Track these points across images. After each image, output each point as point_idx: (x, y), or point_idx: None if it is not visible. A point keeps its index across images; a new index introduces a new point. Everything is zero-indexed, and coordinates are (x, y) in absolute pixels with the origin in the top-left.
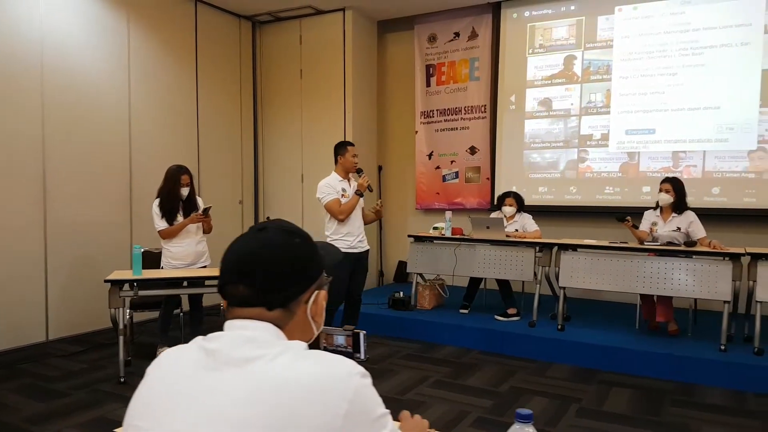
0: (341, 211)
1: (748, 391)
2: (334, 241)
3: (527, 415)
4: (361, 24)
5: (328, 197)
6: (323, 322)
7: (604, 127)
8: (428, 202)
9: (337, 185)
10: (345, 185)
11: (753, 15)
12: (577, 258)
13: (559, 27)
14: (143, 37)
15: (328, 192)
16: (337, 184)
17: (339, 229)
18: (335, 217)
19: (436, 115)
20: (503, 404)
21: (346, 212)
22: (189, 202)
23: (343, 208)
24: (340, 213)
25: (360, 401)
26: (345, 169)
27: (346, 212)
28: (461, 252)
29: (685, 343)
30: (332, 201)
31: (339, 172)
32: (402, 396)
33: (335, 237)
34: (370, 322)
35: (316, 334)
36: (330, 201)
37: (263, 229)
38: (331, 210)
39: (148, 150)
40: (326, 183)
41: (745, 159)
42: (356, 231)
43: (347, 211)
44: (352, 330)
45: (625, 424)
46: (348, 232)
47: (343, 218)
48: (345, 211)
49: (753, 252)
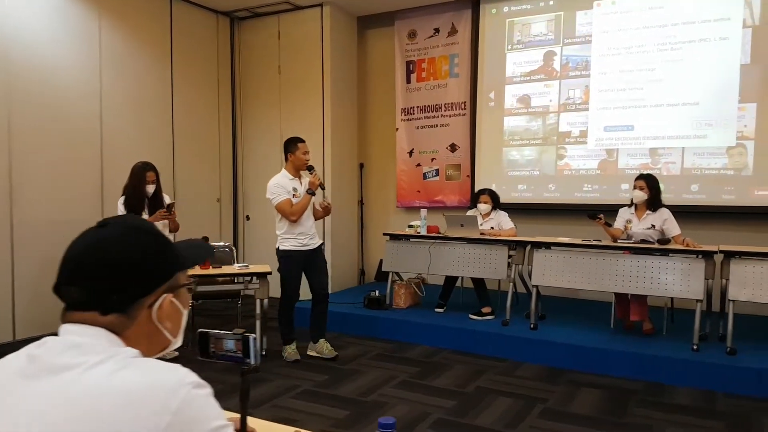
0: (293, 212)
1: (719, 391)
2: (287, 240)
3: (389, 423)
4: (340, 19)
5: (279, 198)
6: (180, 329)
7: (583, 124)
8: (409, 200)
9: (288, 184)
10: (296, 184)
11: (731, 9)
12: (549, 256)
13: (538, 22)
14: (115, 33)
15: (278, 192)
16: (287, 184)
17: (291, 229)
18: (287, 218)
19: (416, 112)
20: (466, 405)
21: (298, 213)
22: (155, 200)
23: (294, 209)
24: (292, 214)
25: (187, 413)
26: (295, 167)
27: (298, 213)
28: (436, 250)
29: (659, 343)
30: (283, 202)
31: (289, 170)
32: (365, 397)
33: (287, 236)
34: (345, 321)
35: (176, 342)
36: (281, 202)
37: (105, 225)
38: (283, 211)
39: (120, 147)
40: (276, 183)
41: (723, 156)
42: (309, 230)
43: (299, 212)
44: (241, 334)
45: (588, 426)
46: (301, 232)
47: (296, 219)
48: (297, 212)
49: (726, 250)
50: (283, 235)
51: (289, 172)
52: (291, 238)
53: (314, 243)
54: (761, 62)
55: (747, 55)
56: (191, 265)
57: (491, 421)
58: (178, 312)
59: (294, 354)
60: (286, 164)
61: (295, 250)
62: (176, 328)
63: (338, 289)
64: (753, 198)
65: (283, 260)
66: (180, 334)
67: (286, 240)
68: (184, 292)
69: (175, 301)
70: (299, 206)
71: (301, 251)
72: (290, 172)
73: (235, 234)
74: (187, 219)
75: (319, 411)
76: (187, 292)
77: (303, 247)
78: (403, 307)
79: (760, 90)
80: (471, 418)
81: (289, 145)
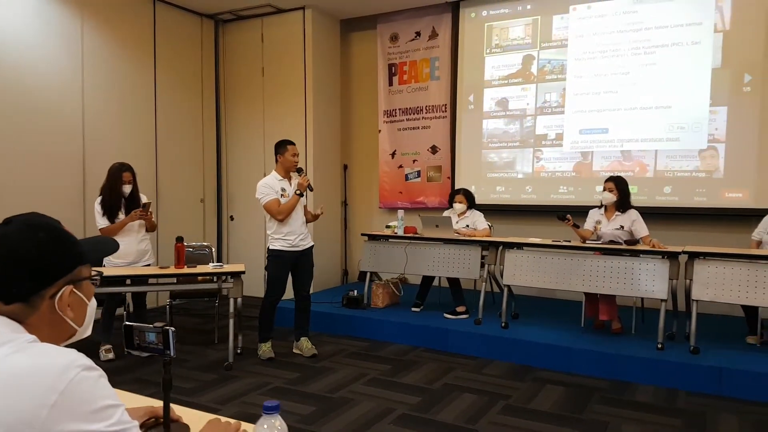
0: (280, 211)
1: (681, 389)
2: (276, 240)
3: (273, 406)
4: (322, 22)
5: (267, 197)
6: (85, 319)
7: (559, 127)
8: (391, 201)
9: (276, 185)
10: (285, 185)
11: (703, 14)
12: (520, 256)
13: (516, 26)
14: (98, 35)
15: (266, 192)
16: (276, 184)
17: (280, 229)
18: (274, 217)
19: (398, 114)
20: (431, 401)
21: (285, 212)
22: (132, 200)
23: (282, 209)
24: (279, 213)
25: (75, 393)
26: (285, 169)
27: (285, 212)
28: (412, 250)
29: (626, 342)
30: (271, 201)
31: (279, 171)
32: (332, 394)
33: (276, 236)
34: (324, 320)
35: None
36: (269, 201)
37: (8, 222)
38: (270, 210)
39: (103, 148)
40: (265, 183)
41: (695, 158)
42: (298, 230)
43: (286, 212)
44: (161, 327)
45: (546, 422)
46: (289, 231)
47: (282, 218)
48: (284, 212)
49: (690, 251)
50: (272, 235)
51: (278, 173)
52: (279, 238)
53: (305, 244)
54: (731, 66)
55: (718, 60)
56: (93, 260)
57: (452, 417)
58: (82, 303)
59: (268, 352)
60: (276, 165)
61: (284, 250)
62: (80, 317)
63: (321, 288)
64: (724, 200)
65: (271, 260)
66: (87, 324)
67: (275, 240)
68: (87, 284)
69: (76, 292)
70: (286, 206)
71: (290, 251)
72: (280, 173)
73: (219, 234)
74: (170, 219)
75: (285, 407)
76: (91, 285)
77: (292, 247)
78: (381, 306)
79: (731, 93)
80: (433, 413)
81: (279, 147)
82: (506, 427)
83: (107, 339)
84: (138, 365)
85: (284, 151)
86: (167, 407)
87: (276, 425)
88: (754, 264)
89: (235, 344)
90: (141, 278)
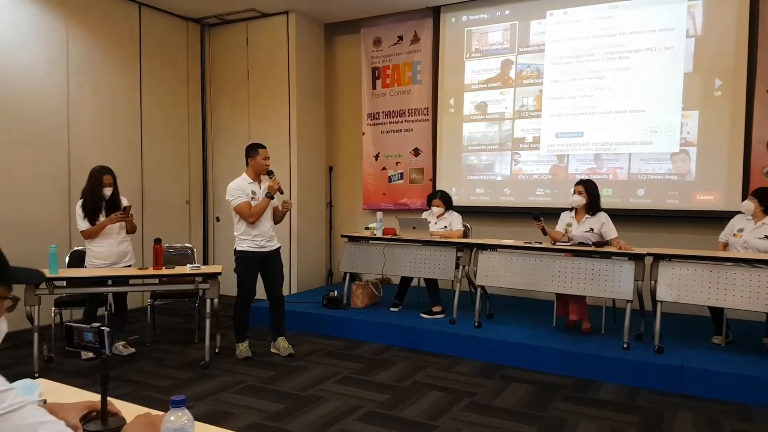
0: (251, 214)
1: (644, 387)
2: (243, 241)
3: (180, 400)
4: (306, 26)
5: (238, 200)
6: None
7: (536, 130)
8: (375, 202)
9: (247, 188)
10: (255, 187)
11: (676, 20)
12: (493, 257)
13: (494, 31)
14: (82, 40)
15: (237, 195)
16: (246, 187)
17: (248, 231)
18: (245, 219)
19: (381, 117)
20: (398, 399)
21: (256, 215)
22: (112, 203)
23: (253, 211)
24: (251, 216)
25: None
26: (256, 172)
27: (256, 215)
28: (389, 252)
29: (594, 341)
30: (242, 204)
31: (249, 173)
32: (303, 392)
33: (244, 237)
34: (304, 320)
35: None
36: (240, 204)
37: None
38: (241, 213)
39: (88, 151)
40: (235, 186)
41: (668, 161)
42: (266, 232)
43: (257, 214)
44: (97, 327)
45: (506, 419)
46: (258, 234)
47: (254, 221)
48: (255, 214)
49: (655, 252)
50: (240, 236)
51: (249, 176)
52: (248, 240)
53: (271, 246)
54: (703, 71)
55: (690, 65)
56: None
57: (416, 414)
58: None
59: (245, 351)
60: (247, 168)
61: (252, 251)
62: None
63: (305, 288)
64: (695, 203)
65: (239, 261)
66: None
67: (242, 241)
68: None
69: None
70: (257, 208)
71: (257, 252)
72: (250, 176)
73: (205, 235)
74: (155, 221)
75: (255, 405)
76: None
77: (259, 248)
78: (361, 306)
79: (703, 98)
80: (398, 410)
81: (250, 150)
82: (467, 424)
83: None
84: (116, 365)
85: (255, 155)
86: (104, 401)
87: (183, 419)
88: (718, 266)
89: (214, 344)
90: (121, 279)
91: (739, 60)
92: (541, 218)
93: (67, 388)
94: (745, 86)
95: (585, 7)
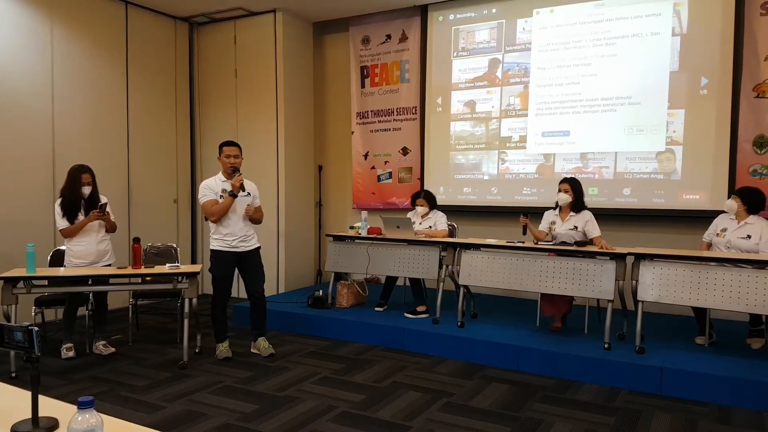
0: (212, 212)
1: (624, 388)
2: (215, 240)
3: (87, 401)
4: (294, 25)
5: (204, 198)
6: None
7: (522, 130)
8: (364, 201)
9: (217, 186)
10: (227, 186)
11: (662, 19)
12: (476, 257)
13: (481, 30)
14: (68, 39)
15: (205, 193)
16: (216, 185)
17: (219, 230)
18: (208, 217)
19: (370, 116)
20: (374, 399)
21: (217, 213)
22: (91, 201)
23: (213, 210)
24: (212, 214)
25: None
26: (224, 169)
27: (217, 213)
28: (374, 251)
29: (577, 341)
30: (207, 201)
31: (223, 172)
32: (279, 393)
33: (216, 236)
34: (289, 320)
35: None
36: (205, 201)
37: None
38: (204, 210)
39: (73, 150)
40: (205, 184)
41: (654, 160)
42: (238, 231)
43: (217, 213)
44: (26, 327)
45: (480, 419)
46: (228, 233)
47: (214, 219)
48: (215, 213)
49: (636, 252)
50: (212, 235)
51: (222, 175)
52: (219, 239)
53: (246, 246)
54: (689, 70)
55: (676, 63)
56: None
57: (391, 414)
58: None
59: (225, 351)
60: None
61: (223, 250)
62: None
63: (294, 288)
64: (681, 202)
65: (212, 260)
66: None
67: (215, 240)
68: None
69: None
70: (219, 207)
71: (229, 252)
72: (224, 174)
73: (193, 234)
74: (143, 220)
75: (230, 405)
76: None
77: (231, 248)
78: (346, 306)
79: (688, 96)
80: (373, 411)
81: (219, 148)
82: (441, 424)
83: (69, 338)
84: (95, 364)
85: (220, 153)
86: (35, 402)
87: (90, 420)
88: (699, 265)
89: (194, 344)
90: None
91: (725, 59)
92: (528, 215)
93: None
94: (731, 85)
95: (572, 5)
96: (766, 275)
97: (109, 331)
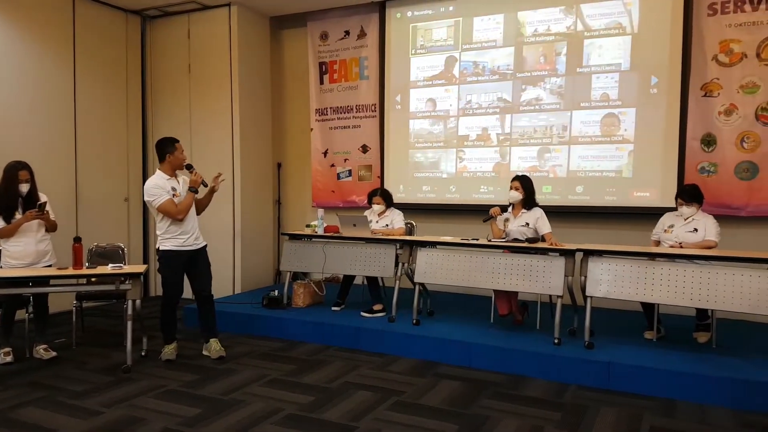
0: (179, 210)
1: (572, 383)
2: (167, 240)
3: None
4: (250, 19)
5: (160, 199)
6: None
7: (479, 128)
8: (325, 200)
9: (166, 185)
10: (174, 183)
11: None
12: (431, 254)
13: (439, 28)
14: (10, 31)
15: (158, 194)
16: (165, 184)
17: (172, 229)
18: (174, 217)
19: (330, 113)
20: (323, 400)
21: (185, 211)
22: (30, 200)
23: (181, 208)
24: (179, 213)
25: None
26: (173, 167)
27: (185, 211)
28: (330, 250)
29: (528, 337)
30: (166, 202)
31: (166, 170)
32: (225, 396)
33: (168, 236)
34: (242, 321)
35: None
36: (164, 202)
37: None
38: (167, 211)
39: (15, 147)
40: (154, 184)
41: (606, 159)
42: (191, 229)
43: (185, 210)
44: None
45: (428, 417)
46: (183, 231)
47: (183, 217)
48: (183, 211)
49: (584, 248)
50: (163, 235)
51: (165, 173)
52: (171, 238)
53: (198, 243)
54: (639, 69)
55: (627, 62)
56: None
57: (338, 415)
58: None
59: (168, 354)
60: (162, 165)
61: (176, 250)
62: None
63: (250, 288)
64: (632, 199)
65: (163, 260)
66: None
67: (166, 240)
68: None
69: None
70: (184, 204)
71: (182, 251)
72: (167, 172)
73: (145, 234)
74: (92, 219)
75: (171, 410)
76: None
77: (184, 247)
78: (302, 306)
79: (639, 95)
80: (320, 412)
81: (167, 146)
82: (388, 423)
83: (6, 342)
84: (34, 369)
85: (173, 150)
86: None
87: None
88: (645, 262)
89: (140, 347)
90: (41, 279)
91: (674, 58)
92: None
93: None
94: (680, 84)
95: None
96: (710, 270)
97: (50, 334)
